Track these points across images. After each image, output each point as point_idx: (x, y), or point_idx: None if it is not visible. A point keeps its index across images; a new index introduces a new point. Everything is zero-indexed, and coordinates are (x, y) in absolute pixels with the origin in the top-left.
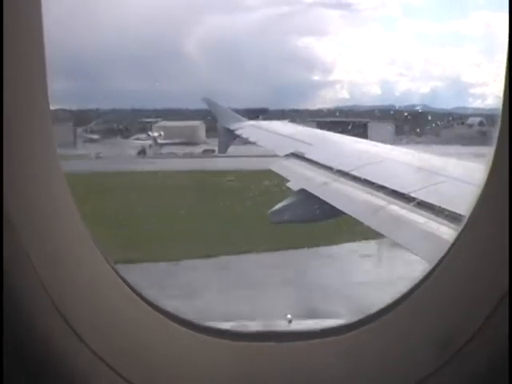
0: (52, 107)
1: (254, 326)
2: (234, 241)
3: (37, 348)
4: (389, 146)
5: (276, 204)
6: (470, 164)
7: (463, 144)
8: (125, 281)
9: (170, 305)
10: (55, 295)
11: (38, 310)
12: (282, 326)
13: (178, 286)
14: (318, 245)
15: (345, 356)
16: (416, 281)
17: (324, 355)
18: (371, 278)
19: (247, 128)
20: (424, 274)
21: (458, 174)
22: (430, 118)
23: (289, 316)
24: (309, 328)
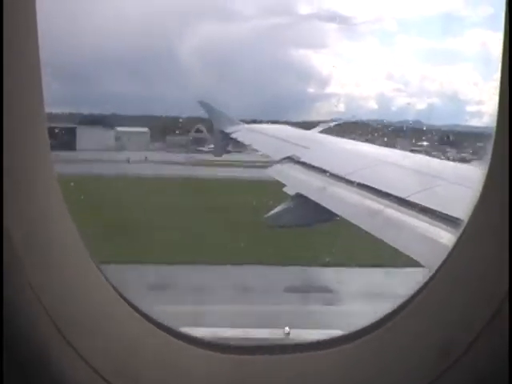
0: None
1: (248, 337)
2: None
3: (27, 351)
4: (387, 149)
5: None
6: None
7: None
8: (116, 289)
9: None
10: (46, 301)
11: (29, 314)
12: (278, 337)
13: None
14: None
15: (343, 368)
16: (416, 288)
17: (320, 368)
18: None
19: (243, 131)
20: (424, 280)
21: None
22: None
23: (287, 328)
24: (304, 340)
